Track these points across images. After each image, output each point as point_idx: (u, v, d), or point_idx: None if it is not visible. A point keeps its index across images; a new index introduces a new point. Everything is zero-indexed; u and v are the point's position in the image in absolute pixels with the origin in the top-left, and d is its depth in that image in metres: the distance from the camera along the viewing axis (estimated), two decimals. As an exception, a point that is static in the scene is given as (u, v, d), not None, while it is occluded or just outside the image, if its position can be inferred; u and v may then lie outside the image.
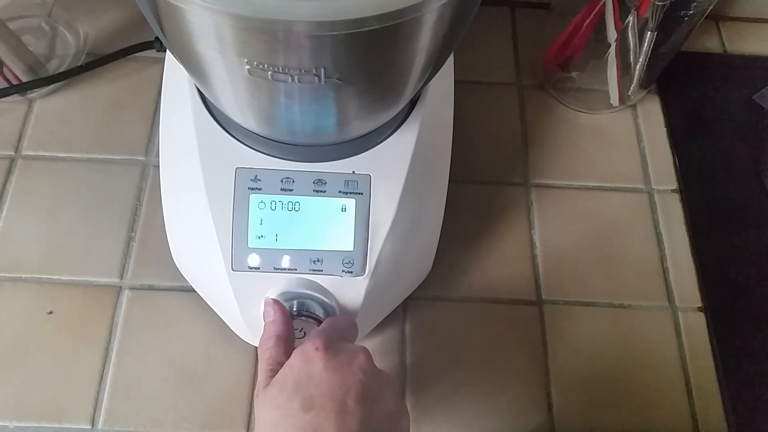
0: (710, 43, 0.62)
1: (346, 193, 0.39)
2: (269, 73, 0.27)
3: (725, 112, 0.58)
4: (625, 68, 0.52)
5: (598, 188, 0.54)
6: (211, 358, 0.45)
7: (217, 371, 0.45)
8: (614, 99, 0.55)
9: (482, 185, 0.53)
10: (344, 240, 0.39)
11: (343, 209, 0.39)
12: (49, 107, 0.54)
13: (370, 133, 0.39)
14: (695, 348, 0.47)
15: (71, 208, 0.50)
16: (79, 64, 0.55)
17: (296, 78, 0.28)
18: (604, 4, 0.49)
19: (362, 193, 0.39)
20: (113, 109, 0.55)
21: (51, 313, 0.46)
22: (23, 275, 0.48)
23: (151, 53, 0.55)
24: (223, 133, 0.39)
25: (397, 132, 0.40)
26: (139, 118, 0.54)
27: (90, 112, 0.54)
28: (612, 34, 0.50)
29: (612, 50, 0.51)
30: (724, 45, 0.62)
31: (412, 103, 0.41)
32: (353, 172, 0.39)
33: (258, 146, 0.39)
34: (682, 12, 0.47)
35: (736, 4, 0.62)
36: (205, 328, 0.46)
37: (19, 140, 0.53)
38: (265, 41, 0.25)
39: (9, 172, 0.51)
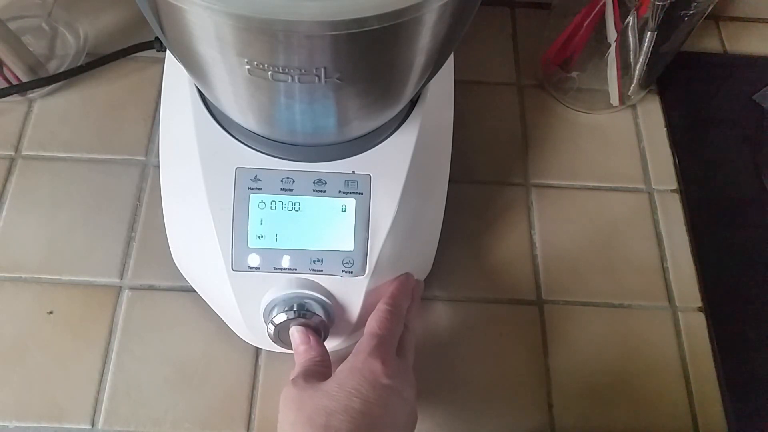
0: (710, 43, 0.62)
1: (346, 193, 0.39)
2: (269, 73, 0.27)
3: (725, 112, 0.58)
4: (625, 68, 0.52)
5: (598, 188, 0.54)
6: (211, 358, 0.45)
7: (217, 371, 0.45)
8: (614, 99, 0.55)
9: (482, 185, 0.53)
10: (344, 240, 0.39)
11: (343, 209, 0.39)
12: (49, 107, 0.54)
13: (370, 133, 0.39)
14: (695, 348, 0.47)
15: (71, 208, 0.50)
16: (79, 64, 0.55)
17: (296, 78, 0.28)
18: (604, 4, 0.49)
19: (362, 193, 0.39)
20: (113, 110, 0.55)
21: (51, 313, 0.46)
22: (23, 275, 0.48)
23: (151, 53, 0.55)
24: (223, 133, 0.39)
25: (397, 132, 0.40)
26: (139, 118, 0.54)
27: (90, 112, 0.54)
28: (612, 34, 0.50)
29: (612, 50, 0.51)
30: (724, 45, 0.62)
31: (412, 103, 0.41)
32: (353, 172, 0.39)
33: (258, 146, 0.39)
34: (682, 12, 0.47)
35: (736, 4, 0.62)
36: (205, 328, 0.46)
37: (19, 140, 0.53)
38: (265, 41, 0.25)
39: (9, 172, 0.51)
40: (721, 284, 0.50)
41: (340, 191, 0.39)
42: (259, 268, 0.39)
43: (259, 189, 0.39)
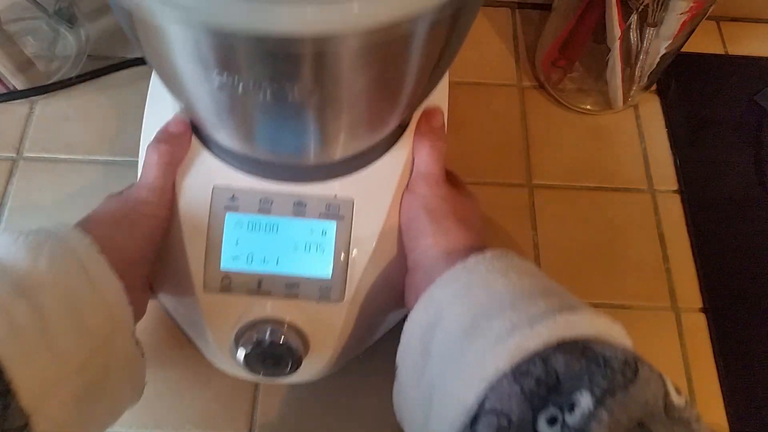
0: (711, 44, 0.62)
1: (327, 216, 0.37)
2: (241, 88, 0.26)
3: (726, 113, 0.58)
4: (626, 69, 0.52)
5: (600, 189, 0.54)
6: (212, 359, 0.45)
7: (219, 372, 0.45)
8: (615, 99, 0.55)
9: (483, 186, 0.53)
10: (323, 264, 0.38)
11: (323, 233, 0.38)
12: (51, 108, 0.54)
13: (355, 155, 0.37)
14: (697, 349, 0.47)
15: (73, 209, 0.50)
16: (81, 65, 0.55)
17: (271, 94, 0.26)
18: (604, 5, 0.49)
19: (344, 218, 0.37)
20: (115, 111, 0.55)
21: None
22: (25, 277, 0.48)
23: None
24: (202, 149, 0.38)
25: (384, 157, 0.38)
26: (141, 120, 0.54)
27: (91, 114, 0.54)
28: (613, 35, 0.50)
29: (614, 51, 0.51)
30: (725, 46, 0.62)
31: (402, 128, 0.39)
32: (335, 195, 0.37)
33: (237, 164, 0.37)
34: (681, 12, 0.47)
35: (738, 5, 0.62)
36: (207, 329, 0.46)
37: (21, 141, 0.53)
38: (236, 55, 0.24)
39: (11, 174, 0.51)
40: (722, 285, 0.50)
41: (320, 214, 0.37)
42: (231, 291, 0.37)
43: (236, 208, 0.37)
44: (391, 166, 0.38)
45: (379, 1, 0.21)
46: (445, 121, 0.41)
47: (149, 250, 0.37)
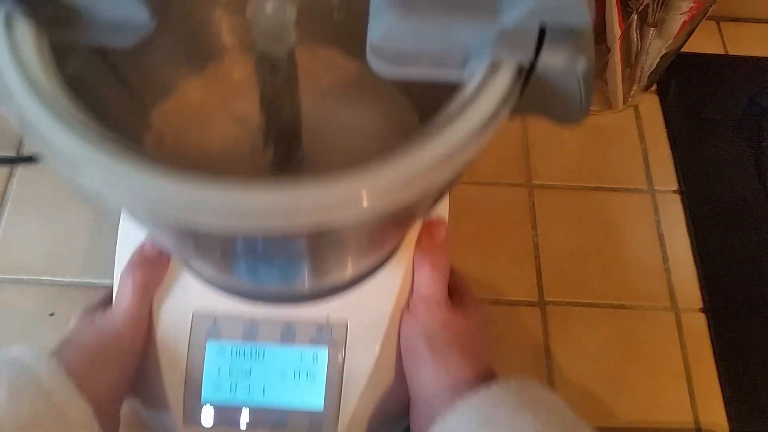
0: (711, 44, 0.62)
1: (318, 341, 0.35)
2: (218, 254, 0.24)
3: (726, 113, 0.58)
4: (626, 69, 0.52)
5: (600, 189, 0.54)
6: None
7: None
8: (615, 99, 0.55)
9: (483, 186, 0.53)
10: (313, 395, 0.35)
11: (314, 360, 0.35)
12: (51, 109, 0.54)
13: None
14: (697, 349, 0.47)
15: (72, 209, 0.50)
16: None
17: (255, 260, 0.25)
18: (605, 5, 0.49)
19: (336, 342, 0.35)
20: (114, 111, 0.55)
21: (52, 314, 0.46)
22: (24, 277, 0.48)
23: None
24: (180, 270, 0.35)
25: (380, 271, 0.35)
26: (141, 120, 0.54)
27: (91, 114, 0.54)
28: (613, 35, 0.50)
29: (614, 51, 0.51)
30: (725, 46, 0.62)
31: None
32: (327, 317, 0.35)
33: (219, 287, 0.35)
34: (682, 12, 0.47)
35: (737, 5, 0.62)
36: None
37: (21, 142, 0.53)
38: (215, 242, 0.22)
39: (10, 174, 0.51)
40: (722, 285, 0.50)
41: (311, 339, 0.35)
42: (214, 425, 0.35)
43: (218, 334, 0.34)
44: (388, 282, 0.35)
45: (387, 188, 0.18)
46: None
47: (124, 385, 0.35)
